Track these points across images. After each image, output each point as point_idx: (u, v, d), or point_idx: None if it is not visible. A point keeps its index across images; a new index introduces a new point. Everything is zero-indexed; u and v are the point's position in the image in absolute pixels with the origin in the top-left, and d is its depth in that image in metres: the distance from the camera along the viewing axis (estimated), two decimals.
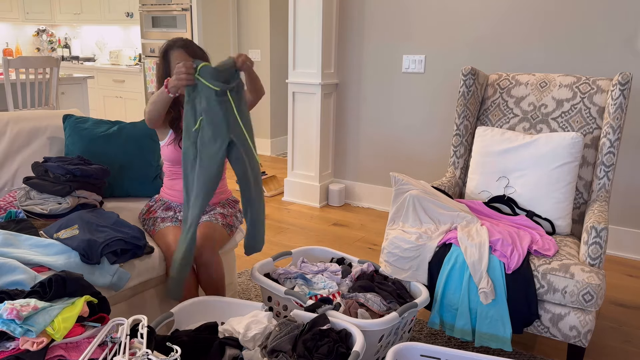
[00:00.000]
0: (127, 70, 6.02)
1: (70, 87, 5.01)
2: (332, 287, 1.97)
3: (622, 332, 2.35)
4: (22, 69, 4.21)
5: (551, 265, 1.88)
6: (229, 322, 1.67)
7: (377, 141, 3.92)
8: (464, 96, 2.50)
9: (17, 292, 1.25)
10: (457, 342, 2.19)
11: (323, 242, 3.29)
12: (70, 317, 1.16)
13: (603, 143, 2.24)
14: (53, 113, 2.49)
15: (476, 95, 2.54)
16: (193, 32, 5.18)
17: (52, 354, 1.12)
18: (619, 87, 2.19)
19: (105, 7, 6.49)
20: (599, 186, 2.26)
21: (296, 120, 4.00)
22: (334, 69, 3.93)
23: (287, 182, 4.17)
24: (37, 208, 2.00)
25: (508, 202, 2.28)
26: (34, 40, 7.31)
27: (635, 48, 2.95)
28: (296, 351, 1.51)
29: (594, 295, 1.79)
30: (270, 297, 1.98)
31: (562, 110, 2.40)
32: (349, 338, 1.61)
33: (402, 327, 1.85)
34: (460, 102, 2.51)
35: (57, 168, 2.04)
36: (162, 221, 2.05)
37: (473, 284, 1.90)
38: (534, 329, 1.92)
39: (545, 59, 3.20)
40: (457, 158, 2.59)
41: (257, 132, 5.74)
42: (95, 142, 2.33)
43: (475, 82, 2.51)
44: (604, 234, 1.86)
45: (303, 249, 2.27)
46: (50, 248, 1.73)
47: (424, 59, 3.60)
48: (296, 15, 3.81)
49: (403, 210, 2.13)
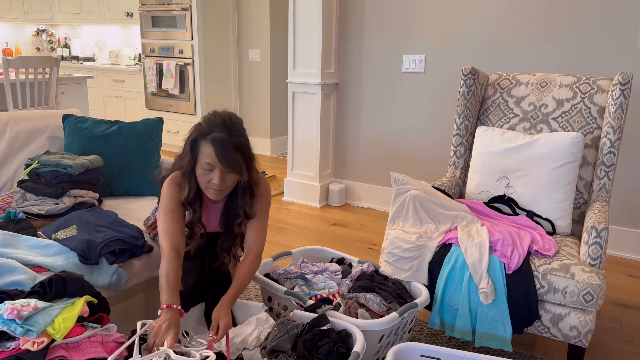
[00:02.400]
0: (126, 70, 6.02)
1: (70, 87, 5.00)
2: (332, 287, 1.96)
3: (622, 332, 2.35)
4: (22, 69, 4.21)
5: (551, 265, 1.88)
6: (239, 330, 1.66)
7: (377, 141, 3.92)
8: (464, 96, 2.50)
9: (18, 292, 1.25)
10: (457, 342, 2.19)
11: (323, 242, 3.29)
12: (71, 317, 1.16)
13: (603, 143, 2.24)
14: (53, 113, 2.49)
15: (476, 95, 2.54)
16: (193, 32, 5.18)
17: (52, 354, 1.12)
18: (619, 87, 2.19)
19: (105, 7, 6.49)
20: (599, 186, 2.26)
21: (296, 120, 4.00)
22: (334, 69, 3.93)
23: (287, 182, 4.17)
24: (35, 209, 1.99)
25: (508, 202, 2.27)
26: (34, 40, 7.30)
27: (635, 48, 2.95)
28: (296, 351, 1.51)
29: (595, 295, 1.79)
30: (270, 297, 1.98)
31: (563, 110, 2.40)
32: (349, 338, 1.60)
33: (402, 328, 1.84)
34: (461, 102, 2.51)
35: (47, 173, 2.03)
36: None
37: (473, 284, 1.90)
38: (534, 329, 1.92)
39: (546, 59, 3.20)
40: (457, 158, 2.59)
41: (257, 132, 5.74)
42: (94, 141, 2.33)
43: (476, 82, 2.51)
44: (604, 234, 1.86)
45: (303, 249, 2.27)
46: (49, 249, 1.73)
47: (424, 59, 3.60)
48: (296, 15, 3.81)
49: (403, 210, 2.13)
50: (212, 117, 1.66)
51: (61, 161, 2.06)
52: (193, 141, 1.65)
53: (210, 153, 1.61)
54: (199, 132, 1.64)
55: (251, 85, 5.67)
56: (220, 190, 1.67)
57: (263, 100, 5.62)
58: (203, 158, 1.63)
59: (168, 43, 5.38)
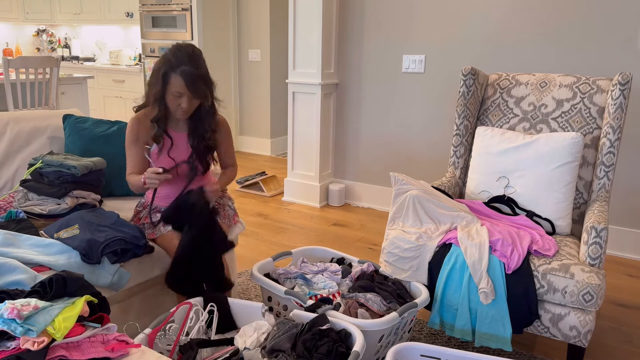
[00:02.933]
0: (127, 70, 6.02)
1: (70, 87, 5.01)
2: (332, 287, 1.96)
3: (622, 332, 2.35)
4: (22, 69, 4.21)
5: (551, 265, 1.89)
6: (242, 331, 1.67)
7: (377, 141, 3.92)
8: (464, 96, 2.50)
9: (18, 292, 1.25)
10: (457, 342, 2.19)
11: (323, 242, 3.29)
12: (71, 317, 1.16)
13: (603, 143, 2.24)
14: (53, 113, 2.49)
15: (476, 95, 2.54)
16: (193, 32, 5.18)
17: (53, 354, 1.12)
18: (619, 87, 2.19)
19: (105, 7, 6.49)
20: (599, 186, 2.26)
21: (296, 120, 4.00)
22: (334, 69, 3.93)
23: (287, 182, 4.17)
24: (37, 209, 2.00)
25: (508, 202, 2.28)
26: (34, 40, 7.30)
27: (635, 48, 2.96)
28: (296, 351, 1.51)
29: (594, 295, 1.79)
30: (270, 297, 1.98)
31: (562, 110, 2.40)
32: (348, 338, 1.61)
33: (402, 327, 1.85)
34: (460, 102, 2.52)
35: (51, 173, 2.03)
36: (164, 226, 2.03)
37: (473, 284, 1.90)
38: (534, 329, 1.92)
39: (546, 59, 3.20)
40: (457, 158, 2.59)
41: (257, 132, 5.74)
42: (94, 141, 2.33)
43: (475, 82, 2.51)
44: (604, 234, 1.87)
45: (303, 249, 2.27)
46: (51, 248, 1.73)
47: (424, 59, 3.60)
48: (296, 15, 3.81)
49: (403, 210, 2.13)
50: (177, 51, 1.88)
51: (65, 162, 2.06)
52: (164, 74, 1.87)
53: (180, 84, 1.85)
54: (168, 66, 1.86)
55: (251, 85, 5.67)
56: (187, 111, 1.95)
57: (263, 100, 5.63)
58: (173, 88, 1.87)
59: (168, 43, 5.38)
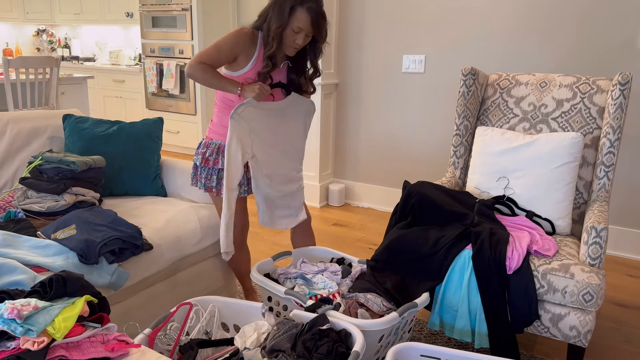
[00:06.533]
0: (127, 70, 6.02)
1: (70, 87, 5.00)
2: (332, 287, 1.96)
3: (622, 332, 2.35)
4: (22, 69, 4.21)
5: (551, 265, 1.88)
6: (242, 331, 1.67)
7: (377, 141, 3.92)
8: (464, 96, 2.50)
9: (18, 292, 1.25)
10: (457, 342, 2.19)
11: (323, 242, 3.29)
12: (71, 317, 1.16)
13: (603, 143, 2.24)
14: (53, 113, 2.49)
15: (476, 95, 2.54)
16: (193, 32, 5.18)
17: (53, 354, 1.12)
18: (619, 87, 2.19)
19: (105, 7, 6.49)
20: (599, 186, 2.26)
21: None
22: (333, 69, 3.93)
23: None
24: (36, 206, 2.00)
25: (508, 202, 2.27)
26: (34, 40, 7.31)
27: (635, 48, 2.96)
28: (296, 351, 1.51)
29: (594, 295, 1.79)
30: (270, 297, 1.98)
31: (562, 110, 2.40)
32: (348, 338, 1.60)
33: (402, 327, 1.85)
34: (460, 102, 2.52)
35: (50, 169, 2.04)
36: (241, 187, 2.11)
37: (473, 285, 1.90)
38: (534, 329, 1.92)
39: (545, 59, 3.20)
40: (457, 158, 2.59)
41: None
42: (94, 141, 2.34)
43: (475, 82, 2.51)
44: (604, 234, 1.86)
45: (303, 249, 2.27)
46: (49, 249, 1.73)
47: (424, 59, 3.61)
48: None
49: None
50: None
51: (65, 158, 2.08)
52: (291, 8, 1.89)
53: (306, 20, 1.89)
54: (295, 1, 1.89)
55: None
56: (299, 48, 1.98)
57: None
58: (296, 22, 1.90)
59: (168, 43, 5.38)
